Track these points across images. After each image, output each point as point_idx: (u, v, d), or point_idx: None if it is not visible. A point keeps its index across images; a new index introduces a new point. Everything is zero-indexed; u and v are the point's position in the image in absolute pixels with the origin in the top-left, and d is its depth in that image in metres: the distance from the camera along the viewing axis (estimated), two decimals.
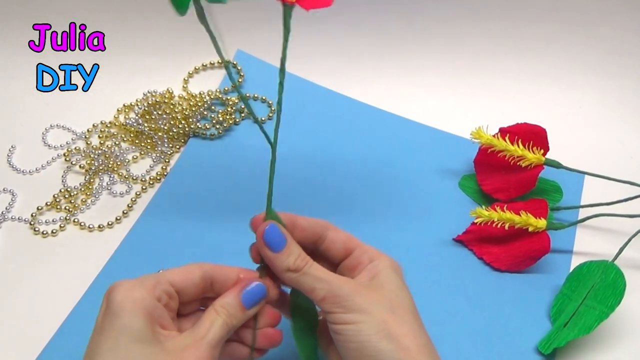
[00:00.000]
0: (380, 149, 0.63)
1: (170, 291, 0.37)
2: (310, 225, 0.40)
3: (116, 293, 0.35)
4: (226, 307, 0.37)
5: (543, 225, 0.53)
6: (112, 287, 0.35)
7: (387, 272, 0.39)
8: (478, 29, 0.70)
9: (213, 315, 0.37)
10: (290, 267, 0.37)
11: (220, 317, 0.36)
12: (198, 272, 0.38)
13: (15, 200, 0.58)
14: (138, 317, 0.34)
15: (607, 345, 0.50)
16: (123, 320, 0.34)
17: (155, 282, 0.36)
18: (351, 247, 0.40)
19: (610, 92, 0.69)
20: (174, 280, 0.37)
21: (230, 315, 0.37)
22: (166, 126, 0.63)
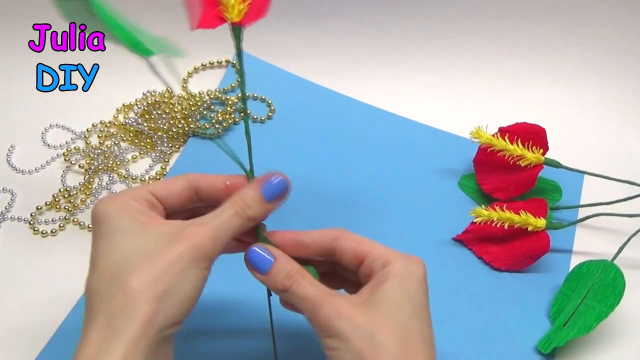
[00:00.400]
0: (379, 149, 0.63)
1: (151, 199, 0.36)
2: (314, 240, 0.39)
3: (98, 207, 0.35)
4: (243, 198, 0.36)
5: (542, 225, 0.53)
6: (95, 205, 0.36)
7: (394, 283, 0.35)
8: (478, 29, 0.70)
9: (227, 204, 0.36)
10: (278, 287, 0.37)
11: (233, 207, 0.36)
12: (181, 181, 0.37)
13: (14, 200, 0.58)
14: (124, 217, 0.34)
15: (606, 344, 0.50)
16: (111, 224, 0.34)
17: (135, 192, 0.36)
18: (362, 254, 0.37)
19: (610, 91, 0.69)
20: (154, 190, 0.37)
21: (247, 206, 0.36)
22: (165, 126, 0.63)
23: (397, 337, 0.34)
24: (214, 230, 0.34)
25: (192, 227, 0.34)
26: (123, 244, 0.34)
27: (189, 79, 0.69)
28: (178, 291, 0.33)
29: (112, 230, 0.34)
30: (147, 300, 0.32)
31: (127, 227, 0.34)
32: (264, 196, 0.36)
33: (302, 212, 0.57)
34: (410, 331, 0.34)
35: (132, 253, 0.33)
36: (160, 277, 0.32)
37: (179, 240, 0.33)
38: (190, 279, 0.33)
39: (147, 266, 0.33)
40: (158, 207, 0.37)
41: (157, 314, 0.32)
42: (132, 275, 0.32)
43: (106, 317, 0.32)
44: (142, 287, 0.32)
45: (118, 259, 0.33)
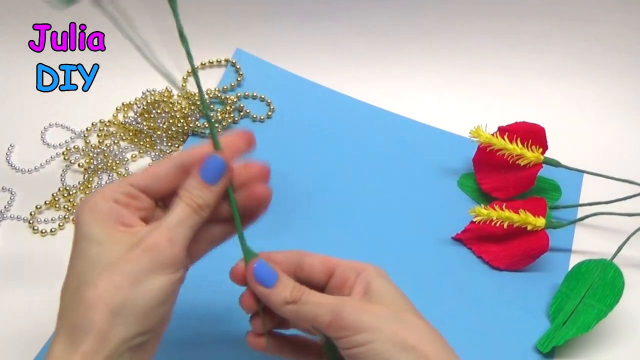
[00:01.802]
0: (378, 148, 0.63)
1: (130, 191, 0.36)
2: (285, 258, 0.39)
3: (77, 208, 0.35)
4: (187, 189, 0.35)
5: (542, 224, 0.53)
6: (77, 212, 0.35)
7: (379, 281, 0.37)
8: (477, 28, 0.70)
9: (176, 200, 0.35)
10: (288, 300, 0.36)
11: (182, 200, 0.35)
12: (166, 163, 0.37)
13: (14, 199, 0.58)
14: (93, 224, 0.33)
15: (605, 343, 0.50)
16: (81, 231, 0.34)
17: (111, 188, 0.35)
18: (331, 267, 0.38)
19: (609, 90, 0.69)
20: (132, 181, 0.36)
21: (194, 195, 0.35)
22: (165, 125, 0.63)
23: (419, 318, 0.36)
24: (168, 230, 0.34)
25: (149, 232, 0.34)
26: (87, 252, 0.33)
27: (189, 78, 0.69)
28: (137, 301, 0.32)
29: (81, 236, 0.34)
30: (102, 313, 0.31)
31: (93, 235, 0.33)
32: (204, 180, 0.35)
33: (302, 211, 0.57)
34: (417, 313, 0.37)
35: (94, 263, 0.33)
36: (117, 288, 0.32)
37: (136, 247, 0.33)
38: (150, 287, 0.32)
39: (105, 277, 0.32)
40: (140, 198, 0.36)
41: (112, 328, 0.31)
42: (90, 286, 0.32)
43: (67, 329, 0.32)
44: (98, 299, 0.31)
45: (82, 268, 0.33)
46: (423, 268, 0.54)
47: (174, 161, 0.37)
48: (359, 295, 0.37)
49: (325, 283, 0.39)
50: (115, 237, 0.33)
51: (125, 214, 0.35)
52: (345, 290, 0.38)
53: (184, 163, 0.37)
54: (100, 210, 0.34)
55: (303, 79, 0.69)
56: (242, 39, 0.70)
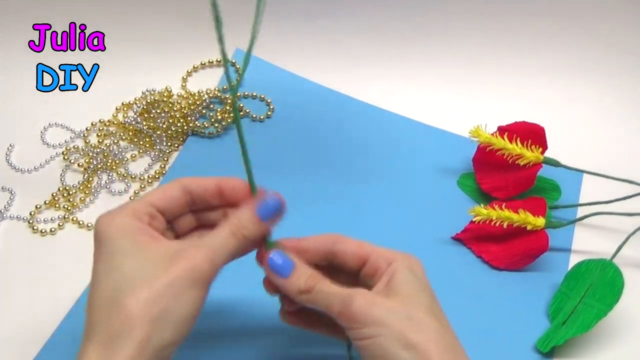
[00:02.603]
0: (378, 148, 0.63)
1: (152, 212, 0.37)
2: (314, 244, 0.40)
3: (99, 225, 0.36)
4: (239, 218, 0.37)
5: (541, 224, 0.53)
6: (96, 221, 0.36)
7: (404, 273, 0.37)
8: (476, 28, 0.70)
9: (223, 225, 0.36)
10: (302, 289, 0.37)
11: (229, 227, 0.36)
12: (176, 188, 0.38)
13: (13, 199, 0.58)
14: (124, 238, 0.35)
15: (605, 343, 0.50)
16: (111, 245, 0.35)
17: (134, 207, 0.36)
18: (364, 255, 0.39)
19: (609, 90, 0.69)
20: (152, 201, 0.37)
21: (243, 226, 0.36)
22: (165, 125, 0.63)
23: (431, 315, 0.36)
24: (211, 252, 0.35)
25: (189, 249, 0.35)
26: (122, 265, 0.34)
27: (188, 77, 0.69)
28: (174, 313, 0.33)
29: (112, 251, 0.35)
30: (143, 322, 0.32)
31: (126, 249, 0.34)
32: (259, 216, 0.37)
33: (301, 211, 0.57)
34: (435, 310, 0.37)
35: (130, 275, 0.34)
36: (156, 299, 0.33)
37: (176, 263, 0.34)
38: (186, 300, 0.34)
39: (145, 288, 0.33)
40: (158, 218, 0.37)
41: (152, 335, 0.33)
42: (129, 296, 0.33)
43: (104, 337, 0.33)
44: (139, 309, 0.33)
45: (117, 280, 0.34)
46: None
47: (182, 186, 0.38)
48: (382, 286, 0.37)
49: (359, 270, 0.40)
50: (149, 250, 0.35)
51: (151, 232, 0.36)
52: (375, 279, 0.38)
53: (192, 190, 0.38)
54: (129, 226, 0.35)
55: (303, 79, 0.69)
56: (242, 39, 0.70)
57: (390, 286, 0.37)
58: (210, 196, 0.39)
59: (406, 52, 0.71)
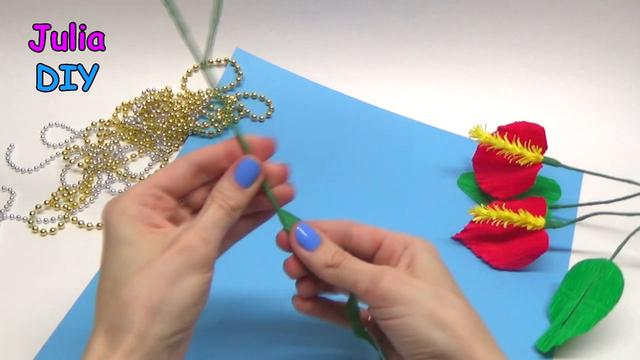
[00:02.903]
0: (378, 147, 0.63)
1: (156, 193, 0.36)
2: (332, 226, 0.39)
3: (105, 211, 0.35)
4: (220, 190, 0.36)
5: (541, 224, 0.53)
6: (104, 207, 0.36)
7: (424, 255, 0.37)
8: (476, 28, 0.70)
9: (208, 201, 0.36)
10: (328, 263, 0.37)
11: (215, 202, 0.35)
12: (181, 163, 0.37)
13: (13, 198, 0.58)
14: (124, 226, 0.34)
15: (605, 343, 0.50)
16: (112, 233, 0.34)
17: (138, 191, 0.35)
18: (379, 238, 0.39)
19: (609, 90, 0.69)
20: (156, 182, 0.36)
21: (227, 197, 0.36)
22: (165, 125, 0.63)
23: (459, 296, 0.36)
24: (202, 230, 0.34)
25: (182, 233, 0.34)
26: (121, 254, 0.34)
27: (188, 77, 0.69)
28: (173, 301, 0.33)
29: (113, 238, 0.34)
30: (141, 312, 0.32)
31: (126, 236, 0.34)
32: (238, 183, 0.36)
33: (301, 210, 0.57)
34: (458, 291, 0.37)
35: (128, 264, 0.33)
36: (153, 288, 0.32)
37: (170, 248, 0.33)
38: (184, 287, 0.33)
39: (141, 277, 0.33)
40: (165, 199, 0.36)
41: (152, 325, 0.32)
42: (126, 287, 0.32)
43: (107, 326, 0.33)
44: (135, 299, 0.32)
45: (116, 269, 0.34)
46: None
47: (189, 161, 0.37)
48: (403, 268, 0.37)
49: (373, 254, 0.39)
50: (147, 238, 0.34)
51: (154, 216, 0.35)
52: (391, 262, 0.38)
53: (200, 162, 0.37)
54: (130, 213, 0.34)
55: (303, 78, 0.69)
56: (242, 39, 0.70)
57: (412, 268, 0.37)
58: (220, 162, 0.37)
59: (406, 52, 0.71)
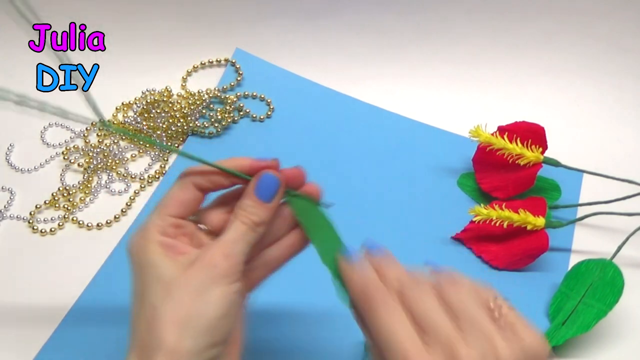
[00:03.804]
0: (378, 147, 0.63)
1: (173, 222, 0.36)
2: None
3: (130, 243, 0.36)
4: (243, 207, 0.36)
5: (541, 224, 0.53)
6: (129, 240, 0.36)
7: None
8: (476, 27, 0.70)
9: (231, 219, 0.36)
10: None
11: (237, 219, 0.36)
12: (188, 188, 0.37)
13: (13, 198, 0.58)
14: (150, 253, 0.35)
15: (605, 343, 0.50)
16: (139, 261, 0.35)
17: (158, 222, 0.36)
18: None
19: (609, 90, 0.69)
20: (171, 212, 0.37)
21: (250, 213, 0.36)
22: (165, 124, 0.63)
23: None
24: (224, 246, 0.35)
25: (205, 250, 0.35)
26: (148, 277, 0.34)
27: (188, 77, 0.69)
28: (201, 314, 0.33)
29: (140, 266, 0.35)
30: (170, 330, 0.32)
31: (152, 261, 0.35)
32: (260, 198, 0.36)
33: None
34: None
35: (155, 284, 0.34)
36: (179, 304, 0.33)
37: (193, 265, 0.34)
38: (209, 300, 0.33)
39: (167, 295, 0.33)
40: (183, 225, 0.37)
41: (182, 341, 0.32)
42: (153, 306, 0.33)
43: (139, 346, 0.33)
44: (163, 316, 0.33)
45: (145, 291, 0.34)
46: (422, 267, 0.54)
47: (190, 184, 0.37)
48: None
49: None
50: (173, 260, 0.35)
51: (176, 244, 0.36)
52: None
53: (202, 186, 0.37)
54: (154, 243, 0.35)
55: (303, 78, 0.69)
56: (242, 38, 0.70)
57: None
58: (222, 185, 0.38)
59: (406, 52, 0.71)
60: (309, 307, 0.50)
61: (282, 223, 0.39)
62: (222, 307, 0.34)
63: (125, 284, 0.51)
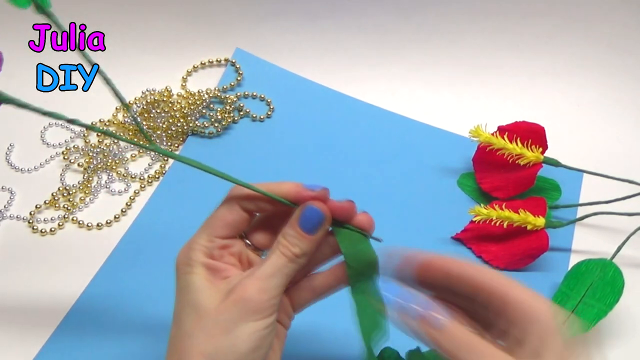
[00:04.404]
0: (378, 147, 0.63)
1: (220, 243, 0.36)
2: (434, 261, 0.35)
3: (177, 260, 0.36)
4: (285, 237, 0.35)
5: (542, 224, 0.53)
6: (178, 256, 0.36)
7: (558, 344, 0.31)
8: (476, 27, 0.70)
9: (272, 249, 0.36)
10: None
11: (278, 249, 0.35)
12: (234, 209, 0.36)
13: (13, 198, 0.58)
14: (194, 275, 0.35)
15: (605, 343, 0.50)
16: (183, 281, 0.35)
17: (204, 242, 0.36)
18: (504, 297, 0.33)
19: (609, 90, 0.69)
20: (217, 233, 0.36)
21: (291, 244, 0.35)
22: (165, 124, 0.63)
23: None
24: (259, 280, 0.34)
25: (241, 281, 0.34)
26: (187, 301, 0.34)
27: (188, 77, 0.69)
28: (229, 348, 0.33)
29: (183, 287, 0.35)
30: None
31: (194, 285, 0.34)
32: (303, 229, 0.36)
33: None
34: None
35: (191, 312, 0.34)
36: (209, 337, 0.33)
37: (227, 298, 0.34)
38: (240, 334, 0.33)
39: (198, 326, 0.33)
40: (229, 244, 0.37)
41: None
42: (186, 335, 0.33)
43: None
44: (192, 348, 0.33)
45: (182, 316, 0.34)
46: None
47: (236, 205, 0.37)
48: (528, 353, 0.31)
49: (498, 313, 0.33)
50: (213, 286, 0.34)
51: (221, 267, 0.36)
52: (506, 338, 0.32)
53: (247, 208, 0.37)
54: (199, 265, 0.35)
55: (303, 78, 0.69)
56: (242, 38, 0.70)
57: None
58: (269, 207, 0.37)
59: (407, 52, 0.71)
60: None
61: (328, 249, 0.38)
62: (252, 343, 0.33)
63: (125, 284, 0.51)
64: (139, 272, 0.52)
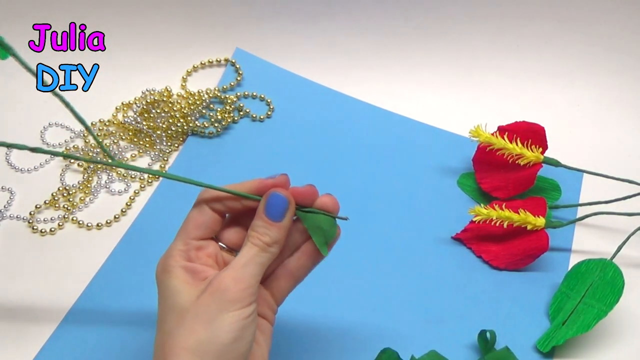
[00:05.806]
0: (378, 147, 0.63)
1: (195, 244, 0.37)
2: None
3: (157, 271, 0.37)
4: (254, 229, 0.36)
5: (542, 224, 0.53)
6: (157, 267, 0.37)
7: None
8: (477, 27, 0.70)
9: (245, 241, 0.36)
10: None
11: (249, 241, 0.36)
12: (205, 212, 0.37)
13: (13, 198, 0.58)
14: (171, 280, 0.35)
15: (605, 343, 0.50)
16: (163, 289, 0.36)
17: (180, 247, 0.37)
18: None
19: (609, 90, 0.69)
20: (191, 235, 0.37)
21: (261, 234, 0.36)
22: (165, 124, 0.63)
23: None
24: (233, 270, 0.35)
25: (217, 275, 0.35)
26: (167, 303, 0.35)
27: (188, 77, 0.69)
28: (212, 339, 0.33)
29: (163, 294, 0.36)
30: (181, 356, 0.33)
31: (173, 287, 0.35)
32: (270, 218, 0.36)
33: None
34: None
35: (171, 312, 0.35)
36: (189, 331, 0.33)
37: (205, 291, 0.34)
38: (221, 324, 0.34)
39: (179, 323, 0.34)
40: (204, 246, 0.37)
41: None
42: (168, 334, 0.34)
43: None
44: (176, 344, 0.33)
45: (163, 318, 0.35)
46: (423, 267, 0.54)
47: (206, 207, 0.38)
48: None
49: None
50: (192, 286, 0.35)
51: (200, 269, 0.36)
52: None
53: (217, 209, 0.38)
54: (177, 269, 0.36)
55: (303, 78, 0.69)
56: (242, 38, 0.70)
57: None
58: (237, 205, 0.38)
59: (407, 52, 0.71)
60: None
61: (299, 235, 0.39)
62: (234, 332, 0.34)
63: (125, 284, 0.51)
64: (139, 272, 0.52)
